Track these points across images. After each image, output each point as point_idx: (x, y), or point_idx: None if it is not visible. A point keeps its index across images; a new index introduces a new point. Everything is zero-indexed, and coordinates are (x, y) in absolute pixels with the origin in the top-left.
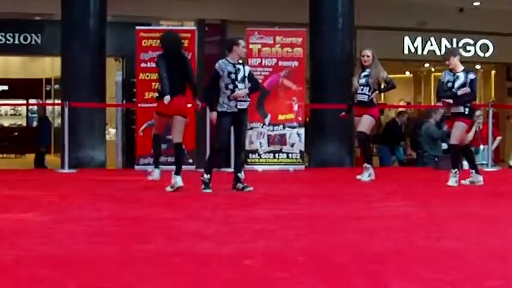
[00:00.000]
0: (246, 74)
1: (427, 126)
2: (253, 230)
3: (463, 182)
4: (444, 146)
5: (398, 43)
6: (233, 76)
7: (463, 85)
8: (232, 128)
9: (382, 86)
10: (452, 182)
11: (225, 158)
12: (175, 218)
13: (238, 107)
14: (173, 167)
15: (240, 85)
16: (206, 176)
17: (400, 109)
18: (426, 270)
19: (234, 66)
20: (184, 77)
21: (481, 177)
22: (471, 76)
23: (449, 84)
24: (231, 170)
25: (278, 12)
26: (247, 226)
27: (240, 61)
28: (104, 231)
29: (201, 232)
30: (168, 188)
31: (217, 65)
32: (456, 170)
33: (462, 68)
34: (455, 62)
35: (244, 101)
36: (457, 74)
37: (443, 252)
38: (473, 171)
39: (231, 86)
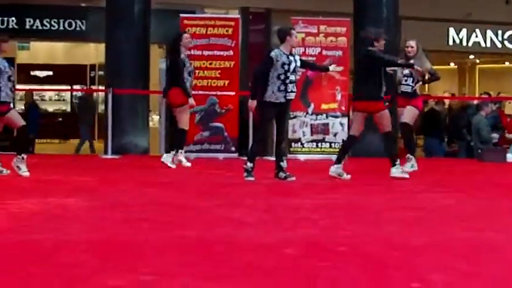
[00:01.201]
0: (298, 64)
1: (479, 119)
2: (294, 219)
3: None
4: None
5: (443, 34)
6: (286, 67)
7: None
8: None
9: (426, 77)
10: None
11: (268, 147)
12: (217, 205)
13: (287, 97)
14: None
15: (291, 76)
16: (249, 165)
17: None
18: (464, 262)
19: (288, 57)
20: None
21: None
22: None
23: None
24: (274, 158)
25: (322, 2)
26: (288, 215)
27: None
28: (145, 217)
29: (242, 220)
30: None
31: (273, 53)
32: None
33: None
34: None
35: (293, 92)
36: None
37: (483, 245)
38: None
39: (282, 77)
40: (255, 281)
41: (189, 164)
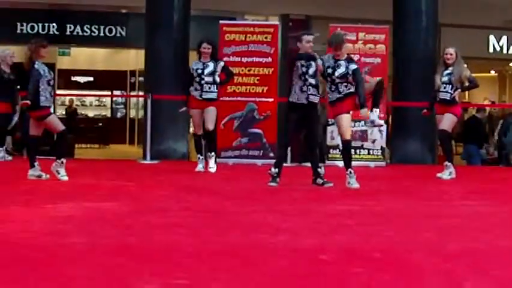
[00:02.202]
0: (318, 69)
1: None
2: (330, 225)
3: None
4: None
5: (483, 41)
6: (304, 69)
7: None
8: (304, 124)
9: (465, 85)
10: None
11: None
12: (253, 211)
13: (309, 100)
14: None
15: (310, 79)
16: (274, 170)
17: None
18: (501, 270)
19: (307, 60)
20: None
21: None
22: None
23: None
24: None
25: (361, 9)
26: (324, 221)
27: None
28: (182, 223)
29: (278, 226)
30: None
31: (298, 55)
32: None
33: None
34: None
35: (314, 95)
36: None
37: None
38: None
39: (303, 78)
40: (290, 286)
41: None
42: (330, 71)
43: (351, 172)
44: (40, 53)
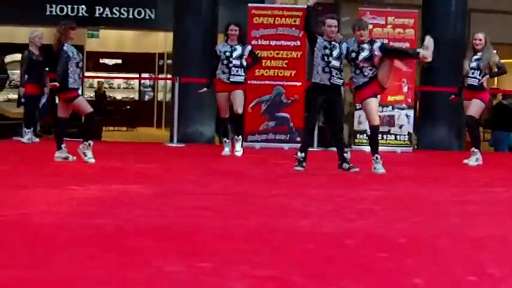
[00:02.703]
0: (344, 52)
1: None
2: (356, 210)
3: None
4: None
5: (511, 27)
6: (328, 51)
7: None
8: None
9: (494, 71)
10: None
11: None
12: (279, 195)
13: (331, 81)
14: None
15: (333, 62)
16: (300, 155)
17: None
18: None
19: (330, 43)
20: None
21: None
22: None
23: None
24: (335, 149)
25: None
26: (349, 205)
27: (335, 41)
28: (207, 206)
29: (303, 210)
30: None
31: (319, 36)
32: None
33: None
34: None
35: (338, 77)
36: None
37: None
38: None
39: (326, 59)
40: (314, 270)
41: None
42: (353, 55)
43: (377, 158)
44: (69, 35)
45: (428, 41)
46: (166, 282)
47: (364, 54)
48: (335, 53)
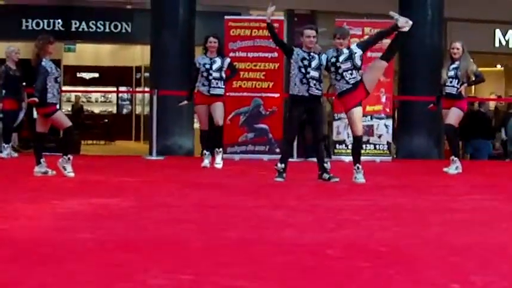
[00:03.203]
0: (323, 63)
1: None
2: (337, 220)
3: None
4: None
5: (489, 36)
6: (306, 62)
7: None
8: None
9: (471, 79)
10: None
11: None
12: (259, 206)
13: (310, 92)
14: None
15: (312, 72)
16: (280, 166)
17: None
18: (506, 263)
19: (309, 55)
20: None
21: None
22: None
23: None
24: (315, 159)
25: (367, 3)
26: (330, 216)
27: (314, 52)
28: (188, 218)
29: (284, 221)
30: None
31: (295, 48)
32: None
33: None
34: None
35: (316, 88)
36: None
37: None
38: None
39: (303, 70)
40: (295, 281)
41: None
42: (333, 60)
43: (358, 167)
44: (47, 50)
45: (394, 14)
46: None
47: (344, 56)
48: (314, 63)
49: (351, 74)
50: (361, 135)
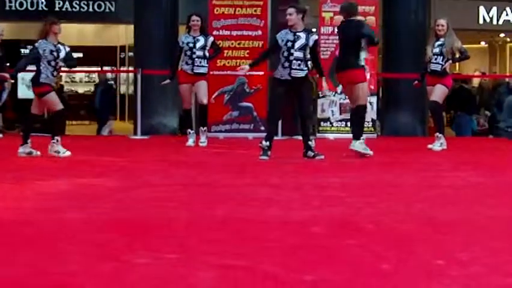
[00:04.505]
0: (310, 44)
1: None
2: (322, 197)
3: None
4: None
5: (473, 12)
6: (290, 44)
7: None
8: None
9: (456, 56)
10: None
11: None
12: (245, 184)
13: (292, 75)
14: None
15: (296, 53)
16: (265, 143)
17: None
18: (492, 239)
19: (294, 35)
20: None
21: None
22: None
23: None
24: (300, 137)
25: None
26: (316, 193)
27: (299, 29)
28: (173, 197)
29: (270, 198)
30: None
31: (278, 34)
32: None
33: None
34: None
35: (300, 69)
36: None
37: (510, 222)
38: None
39: (286, 54)
40: (280, 258)
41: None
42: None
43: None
44: (53, 30)
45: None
46: (135, 275)
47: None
48: (298, 44)
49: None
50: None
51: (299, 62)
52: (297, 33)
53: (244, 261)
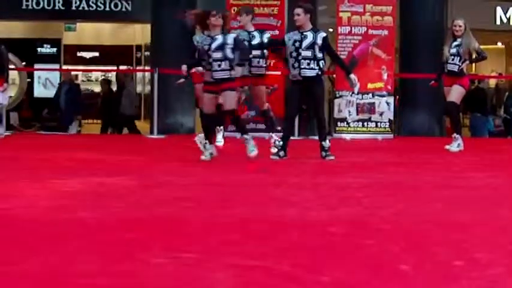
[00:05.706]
0: (319, 42)
1: None
2: (339, 198)
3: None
4: None
5: (490, 13)
6: (298, 44)
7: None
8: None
9: (473, 57)
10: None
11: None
12: (262, 184)
13: (302, 74)
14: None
15: (304, 53)
16: (278, 143)
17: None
18: (509, 240)
19: (302, 34)
20: None
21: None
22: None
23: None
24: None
25: None
26: (333, 193)
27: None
28: (190, 196)
29: (287, 199)
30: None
31: (286, 35)
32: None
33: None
34: (245, 20)
35: (310, 68)
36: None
37: None
38: None
39: (294, 54)
40: (298, 259)
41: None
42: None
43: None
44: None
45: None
46: (152, 274)
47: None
48: (305, 43)
49: None
50: None
51: (308, 61)
52: (304, 33)
53: (264, 261)
